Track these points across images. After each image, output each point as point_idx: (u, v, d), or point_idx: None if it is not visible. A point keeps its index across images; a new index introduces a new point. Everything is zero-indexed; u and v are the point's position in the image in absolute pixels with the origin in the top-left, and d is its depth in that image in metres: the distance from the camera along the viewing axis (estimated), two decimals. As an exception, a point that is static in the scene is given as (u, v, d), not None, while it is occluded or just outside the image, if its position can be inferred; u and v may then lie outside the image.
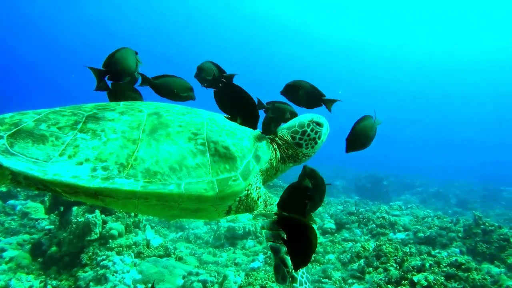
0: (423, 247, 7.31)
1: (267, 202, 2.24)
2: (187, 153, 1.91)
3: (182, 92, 2.61)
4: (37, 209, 8.15)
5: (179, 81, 2.61)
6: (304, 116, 2.50)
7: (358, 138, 2.42)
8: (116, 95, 2.46)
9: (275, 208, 2.10)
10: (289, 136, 2.45)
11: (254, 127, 2.10)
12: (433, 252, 6.80)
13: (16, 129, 1.78)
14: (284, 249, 1.81)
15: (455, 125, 71.57)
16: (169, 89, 2.57)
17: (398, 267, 5.73)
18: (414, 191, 23.05)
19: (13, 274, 5.49)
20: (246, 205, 2.15)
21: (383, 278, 5.38)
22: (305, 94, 2.54)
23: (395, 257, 5.89)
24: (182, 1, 55.93)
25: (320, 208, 11.91)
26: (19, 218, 8.05)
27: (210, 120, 2.17)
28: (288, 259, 1.76)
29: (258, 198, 2.18)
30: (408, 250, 6.45)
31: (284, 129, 2.50)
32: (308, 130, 2.40)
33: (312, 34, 61.32)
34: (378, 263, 5.95)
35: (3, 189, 8.96)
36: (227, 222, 8.04)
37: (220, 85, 2.10)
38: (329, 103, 2.69)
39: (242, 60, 65.51)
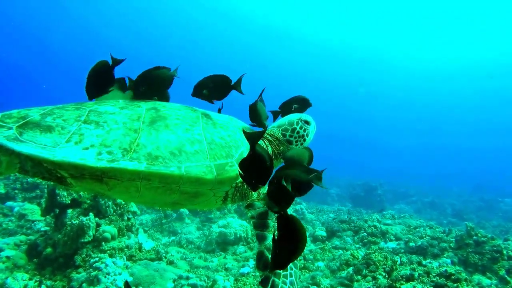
0: (414, 257, 7.43)
1: (260, 192, 2.37)
2: (185, 141, 2.06)
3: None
4: (33, 211, 8.29)
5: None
6: (293, 115, 2.69)
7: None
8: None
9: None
10: (279, 134, 2.64)
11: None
12: (423, 262, 6.87)
13: (24, 121, 1.92)
14: (269, 239, 2.01)
15: (448, 132, 72.03)
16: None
17: (387, 276, 5.80)
18: (409, 200, 23.15)
19: (10, 273, 5.63)
20: (242, 192, 2.30)
21: (372, 287, 5.49)
22: (214, 89, 2.57)
23: (384, 266, 5.99)
24: (171, 5, 56.41)
25: (312, 216, 12.08)
26: (17, 219, 8.19)
27: (204, 114, 2.37)
28: (269, 257, 1.91)
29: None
30: (398, 259, 6.59)
31: (275, 127, 2.69)
32: (298, 127, 2.59)
33: (301, 37, 61.98)
34: (367, 271, 6.06)
35: (2, 190, 9.13)
36: (219, 228, 8.17)
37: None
38: (237, 86, 2.62)
39: (232, 63, 66.24)
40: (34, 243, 6.42)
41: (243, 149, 2.26)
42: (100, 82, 2.30)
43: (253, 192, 2.35)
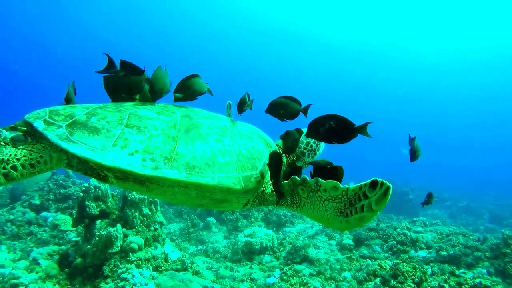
0: (446, 266, 7.11)
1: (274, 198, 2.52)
2: (217, 151, 2.20)
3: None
4: (66, 221, 8.61)
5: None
6: None
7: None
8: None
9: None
10: None
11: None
12: (457, 272, 6.55)
13: (71, 120, 2.05)
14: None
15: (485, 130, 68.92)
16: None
17: (415, 288, 5.61)
18: (443, 205, 22.21)
19: (42, 283, 5.86)
20: (260, 199, 2.45)
21: (399, 299, 5.30)
22: (287, 112, 2.80)
23: (413, 277, 5.77)
24: (174, 5, 57.03)
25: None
26: (50, 229, 8.53)
27: (231, 125, 2.51)
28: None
29: (271, 193, 2.47)
30: (429, 269, 6.32)
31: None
32: (311, 142, 2.84)
33: (306, 36, 61.52)
34: (395, 282, 5.86)
35: (37, 201, 9.55)
36: (245, 237, 8.16)
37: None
38: (305, 111, 2.91)
39: (236, 65, 67.05)
40: (65, 253, 6.65)
41: (265, 160, 2.39)
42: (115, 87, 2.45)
43: (270, 199, 2.48)
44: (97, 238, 6.21)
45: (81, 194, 6.90)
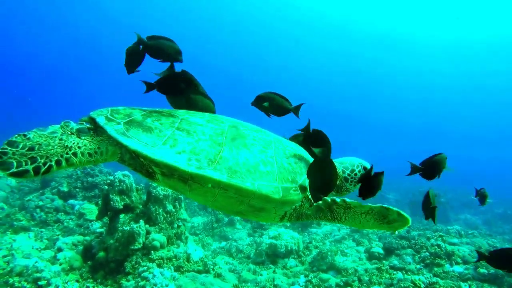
0: (485, 286, 6.60)
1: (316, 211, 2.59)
2: (259, 161, 2.31)
3: (173, 55, 2.91)
4: (91, 210, 8.65)
5: (171, 43, 2.91)
6: (355, 159, 2.89)
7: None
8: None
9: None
10: (340, 169, 2.82)
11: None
12: (499, 293, 6.06)
13: (129, 119, 2.29)
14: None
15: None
16: (161, 51, 2.89)
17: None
18: (477, 210, 21.09)
19: (65, 276, 5.85)
20: (298, 213, 2.52)
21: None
22: (273, 105, 2.86)
23: (450, 299, 5.34)
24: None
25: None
26: (76, 217, 8.59)
27: (277, 140, 2.61)
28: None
29: (308, 208, 2.54)
30: (465, 288, 5.84)
31: (337, 162, 2.86)
32: (356, 170, 2.77)
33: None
34: (429, 303, 5.44)
35: (65, 189, 9.66)
36: (269, 239, 7.89)
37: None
38: (296, 110, 3.10)
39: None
40: (89, 244, 6.62)
41: (305, 177, 2.46)
42: (133, 59, 2.81)
43: (308, 214, 2.56)
44: (120, 234, 6.13)
45: (106, 187, 6.83)
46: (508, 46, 51.98)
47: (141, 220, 6.40)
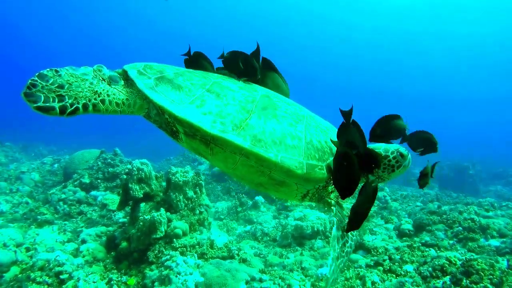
0: (525, 260, 6.18)
1: (338, 199, 2.50)
2: (287, 134, 2.21)
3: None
4: (113, 200, 8.63)
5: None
6: (392, 145, 2.60)
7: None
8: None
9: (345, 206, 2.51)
10: None
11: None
12: (542, 266, 5.63)
13: (160, 75, 2.29)
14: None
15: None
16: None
17: (495, 291, 4.79)
18: (508, 180, 20.24)
19: (89, 268, 5.81)
20: (320, 195, 2.44)
21: (477, 304, 4.54)
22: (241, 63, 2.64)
23: (490, 277, 4.97)
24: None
25: (396, 204, 10.97)
26: (99, 208, 8.59)
27: (310, 116, 2.50)
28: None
29: (331, 192, 2.46)
30: (505, 263, 5.46)
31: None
32: (391, 156, 2.45)
33: None
34: (468, 282, 5.08)
35: (87, 180, 9.67)
36: (295, 221, 7.64)
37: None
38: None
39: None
40: (112, 235, 6.56)
41: None
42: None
43: (331, 197, 2.46)
44: (141, 223, 6.02)
45: (124, 177, 6.72)
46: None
47: (161, 208, 6.27)
